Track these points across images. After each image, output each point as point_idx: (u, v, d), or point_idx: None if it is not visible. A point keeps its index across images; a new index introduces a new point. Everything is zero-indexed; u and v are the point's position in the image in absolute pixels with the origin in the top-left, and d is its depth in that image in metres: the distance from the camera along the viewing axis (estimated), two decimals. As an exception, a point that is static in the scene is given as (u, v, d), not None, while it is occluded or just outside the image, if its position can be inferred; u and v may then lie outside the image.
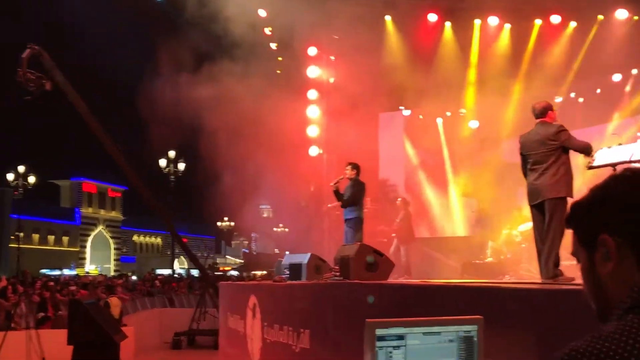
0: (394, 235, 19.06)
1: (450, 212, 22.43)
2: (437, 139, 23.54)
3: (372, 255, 11.70)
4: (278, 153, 21.07)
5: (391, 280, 12.39)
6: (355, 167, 15.23)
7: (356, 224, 14.92)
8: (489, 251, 18.17)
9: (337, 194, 15.00)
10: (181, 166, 42.40)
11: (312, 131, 22.79)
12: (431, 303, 7.37)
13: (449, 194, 22.71)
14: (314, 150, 22.61)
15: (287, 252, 16.66)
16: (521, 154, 10.08)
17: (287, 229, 27.40)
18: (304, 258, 13.26)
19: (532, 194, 10.02)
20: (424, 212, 22.41)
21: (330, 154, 22.85)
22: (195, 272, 48.75)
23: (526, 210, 12.03)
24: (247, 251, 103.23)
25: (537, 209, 9.95)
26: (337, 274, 11.72)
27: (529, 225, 14.00)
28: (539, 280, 9.32)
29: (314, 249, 15.42)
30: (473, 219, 20.55)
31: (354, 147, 19.90)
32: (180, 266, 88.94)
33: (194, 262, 24.38)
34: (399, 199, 20.04)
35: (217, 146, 21.13)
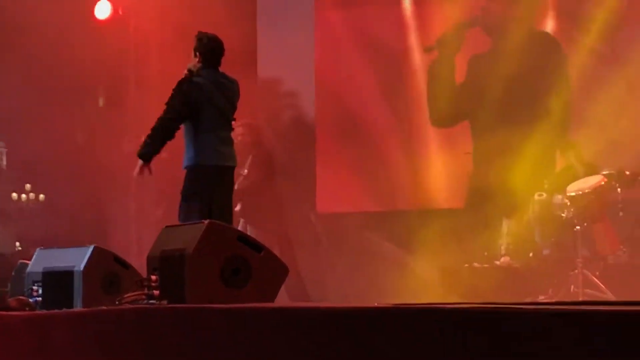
0: (237, 208, 11.09)
1: (417, 157, 12.68)
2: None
3: (240, 249, 6.22)
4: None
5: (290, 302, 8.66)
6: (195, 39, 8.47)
7: (196, 175, 8.11)
8: (503, 241, 10.81)
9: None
10: None
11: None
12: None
13: (417, 119, 13.29)
14: (103, 8, 13.65)
15: (38, 249, 9.06)
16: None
17: (42, 196, 14.75)
18: (78, 258, 7.68)
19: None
20: (355, 158, 13.32)
21: (142, 17, 13.03)
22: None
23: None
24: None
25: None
26: (155, 292, 6.51)
27: (589, 181, 9.62)
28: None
29: (106, 239, 9.41)
30: (466, 173, 12.26)
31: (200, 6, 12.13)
32: None
33: None
34: (238, 130, 10.20)
35: None
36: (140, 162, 8.16)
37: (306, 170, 12.41)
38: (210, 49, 8.21)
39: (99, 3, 12.90)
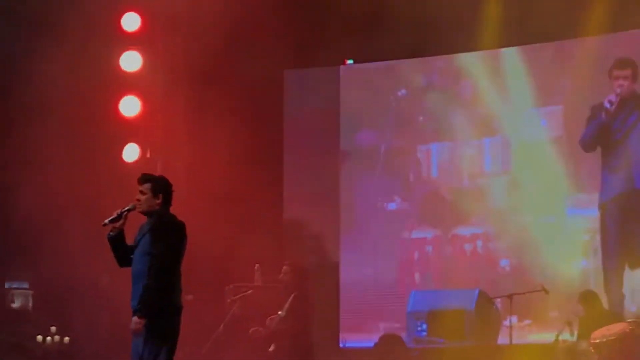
0: (271, 349, 11.01)
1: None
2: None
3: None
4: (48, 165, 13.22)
5: None
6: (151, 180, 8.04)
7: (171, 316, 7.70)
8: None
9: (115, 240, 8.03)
10: None
11: (130, 107, 13.48)
12: None
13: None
14: (131, 151, 14.25)
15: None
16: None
17: (66, 339, 13.46)
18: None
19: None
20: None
21: (170, 158, 13.34)
22: None
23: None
24: None
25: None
26: None
27: (614, 329, 9.33)
28: None
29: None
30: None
31: (227, 145, 12.20)
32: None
33: None
34: (284, 268, 11.12)
35: None
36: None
37: (331, 308, 12.40)
38: (169, 189, 7.90)
39: (127, 146, 12.80)
